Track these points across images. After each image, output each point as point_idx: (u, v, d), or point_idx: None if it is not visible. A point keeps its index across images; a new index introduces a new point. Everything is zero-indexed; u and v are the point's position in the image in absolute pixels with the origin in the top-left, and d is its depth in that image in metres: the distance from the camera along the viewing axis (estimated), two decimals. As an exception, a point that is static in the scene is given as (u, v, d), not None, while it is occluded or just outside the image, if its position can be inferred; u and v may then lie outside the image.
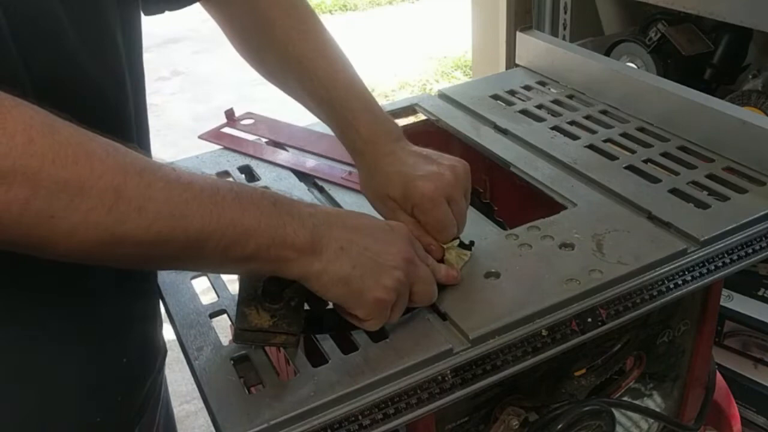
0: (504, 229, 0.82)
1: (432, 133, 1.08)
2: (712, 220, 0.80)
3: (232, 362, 0.65)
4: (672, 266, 0.74)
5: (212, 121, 1.08)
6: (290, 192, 0.91)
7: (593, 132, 1.01)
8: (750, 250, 0.79)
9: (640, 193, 0.85)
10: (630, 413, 0.87)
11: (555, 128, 1.02)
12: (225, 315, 0.72)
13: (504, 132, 1.03)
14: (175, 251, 0.52)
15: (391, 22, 5.06)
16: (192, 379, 0.64)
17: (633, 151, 0.95)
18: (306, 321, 0.63)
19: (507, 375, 0.65)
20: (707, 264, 0.76)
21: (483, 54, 1.77)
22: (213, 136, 1.05)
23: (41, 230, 0.45)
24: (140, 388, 0.72)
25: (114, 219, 0.47)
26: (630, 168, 0.91)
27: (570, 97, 1.11)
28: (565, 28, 1.62)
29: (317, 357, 0.65)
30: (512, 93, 1.14)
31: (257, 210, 0.55)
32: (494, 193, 1.07)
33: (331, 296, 0.60)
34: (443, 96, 1.14)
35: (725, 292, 1.31)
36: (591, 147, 0.97)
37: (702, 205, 0.83)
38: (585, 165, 0.92)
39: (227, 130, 1.07)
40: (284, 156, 1.00)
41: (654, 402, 0.91)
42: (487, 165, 1.01)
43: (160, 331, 0.79)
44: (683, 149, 0.96)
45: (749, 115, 0.94)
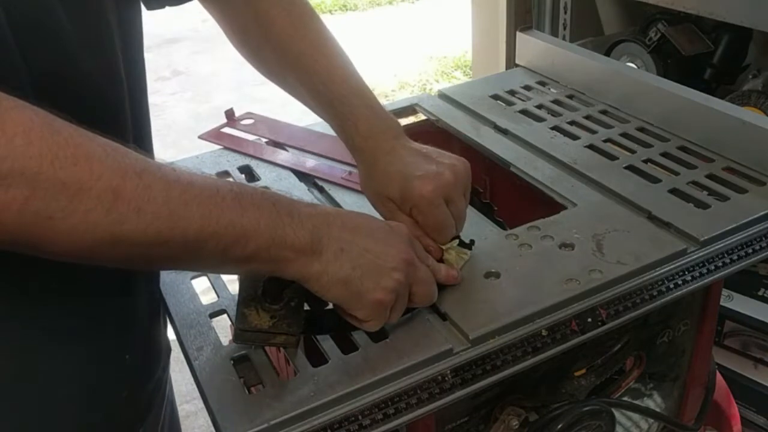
0: (504, 229, 0.82)
1: (432, 133, 1.08)
2: (712, 220, 0.80)
3: (232, 362, 0.65)
4: (672, 266, 0.74)
5: (212, 121, 1.08)
6: (290, 192, 0.91)
7: (593, 132, 1.01)
8: (750, 250, 0.79)
9: (640, 193, 0.85)
10: (630, 413, 0.87)
11: (555, 128, 1.02)
12: (225, 315, 0.72)
13: (504, 132, 1.02)
14: (175, 252, 0.52)
15: (391, 22, 5.06)
16: (192, 379, 0.64)
17: (633, 151, 0.95)
18: (306, 321, 0.62)
19: (507, 375, 0.65)
20: (707, 264, 0.76)
21: (483, 54, 1.78)
22: (213, 136, 1.05)
23: (40, 230, 0.45)
24: (144, 387, 0.72)
25: (113, 220, 0.47)
26: (630, 168, 0.91)
27: (570, 97, 1.11)
28: (565, 28, 1.62)
29: (317, 357, 0.65)
30: (512, 93, 1.14)
31: (257, 211, 0.55)
32: (494, 193, 1.07)
33: (331, 297, 0.60)
34: (443, 96, 1.14)
35: (725, 292, 1.31)
36: (591, 147, 0.97)
37: (702, 205, 0.83)
38: (585, 165, 0.92)
39: (227, 130, 1.07)
40: (284, 156, 1.00)
41: (654, 402, 0.90)
42: (487, 165, 1.01)
43: (164, 330, 0.79)
44: (683, 149, 0.96)
45: (749, 115, 0.94)
